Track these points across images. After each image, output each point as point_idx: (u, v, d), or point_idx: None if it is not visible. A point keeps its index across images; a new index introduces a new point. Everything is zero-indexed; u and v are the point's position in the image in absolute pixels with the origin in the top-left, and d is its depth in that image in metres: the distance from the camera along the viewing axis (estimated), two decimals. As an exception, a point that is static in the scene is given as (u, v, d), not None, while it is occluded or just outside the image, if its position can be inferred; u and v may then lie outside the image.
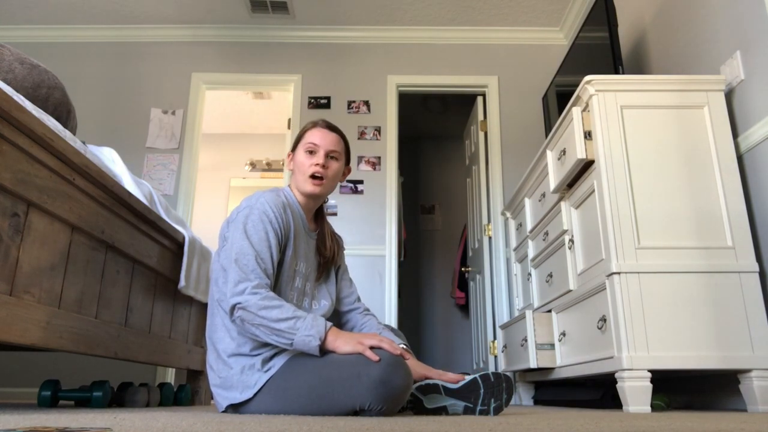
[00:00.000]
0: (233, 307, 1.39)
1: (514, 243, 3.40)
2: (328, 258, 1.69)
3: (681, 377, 2.34)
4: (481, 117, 4.12)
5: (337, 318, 1.77)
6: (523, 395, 3.19)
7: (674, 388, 2.49)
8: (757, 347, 1.85)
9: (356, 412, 1.31)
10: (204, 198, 5.59)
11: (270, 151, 5.87)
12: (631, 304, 1.90)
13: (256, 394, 1.40)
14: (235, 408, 1.45)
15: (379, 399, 1.26)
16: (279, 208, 1.52)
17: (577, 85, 2.24)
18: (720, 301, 1.90)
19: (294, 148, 1.68)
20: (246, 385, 1.41)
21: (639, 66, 3.05)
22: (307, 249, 1.64)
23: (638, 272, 1.93)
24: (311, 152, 1.61)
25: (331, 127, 1.66)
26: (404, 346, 1.58)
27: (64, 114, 1.84)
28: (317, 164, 1.59)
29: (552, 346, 2.55)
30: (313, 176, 1.59)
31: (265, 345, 1.46)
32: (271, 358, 1.44)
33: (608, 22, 2.53)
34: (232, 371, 1.45)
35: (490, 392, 1.44)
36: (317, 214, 1.73)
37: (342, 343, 1.35)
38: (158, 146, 3.98)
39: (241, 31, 4.20)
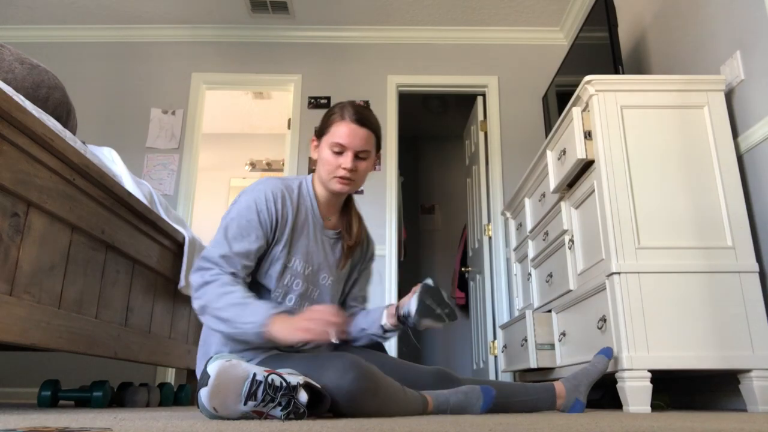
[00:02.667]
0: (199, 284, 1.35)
1: (514, 243, 3.40)
2: (353, 245, 1.58)
3: (681, 377, 2.34)
4: (481, 117, 4.12)
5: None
6: (523, 395, 3.19)
7: (674, 388, 2.49)
8: (757, 347, 1.85)
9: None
10: (204, 198, 5.58)
11: (270, 151, 5.87)
12: (631, 304, 1.89)
13: None
14: None
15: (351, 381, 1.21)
16: (276, 196, 1.44)
17: (577, 85, 2.24)
18: (720, 301, 1.90)
19: (319, 135, 1.51)
20: None
21: (639, 66, 3.05)
22: (314, 248, 1.52)
23: (638, 272, 1.93)
24: (338, 153, 1.46)
25: (362, 121, 1.46)
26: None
27: (64, 114, 1.84)
28: (345, 168, 1.44)
29: (552, 346, 2.55)
30: (340, 177, 1.46)
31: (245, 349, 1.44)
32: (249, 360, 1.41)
33: (608, 22, 2.53)
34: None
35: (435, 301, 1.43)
36: (345, 207, 1.61)
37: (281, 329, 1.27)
38: (158, 146, 3.98)
39: (241, 31, 4.20)
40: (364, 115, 1.46)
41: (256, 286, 1.49)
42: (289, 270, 1.48)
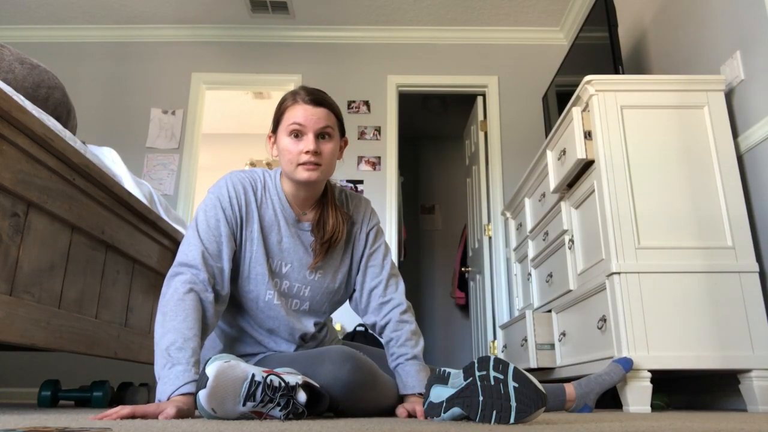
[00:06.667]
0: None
1: (514, 243, 3.40)
2: (327, 240, 1.43)
3: (681, 377, 2.34)
4: (481, 117, 4.12)
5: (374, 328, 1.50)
6: (523, 395, 3.18)
7: (674, 388, 2.49)
8: (757, 347, 1.85)
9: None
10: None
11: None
12: (631, 304, 1.89)
13: None
14: None
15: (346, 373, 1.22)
16: (237, 190, 1.38)
17: (577, 85, 2.24)
18: (720, 301, 1.90)
19: (275, 129, 1.40)
20: None
21: (639, 66, 3.05)
22: (289, 244, 1.42)
23: (638, 272, 1.93)
24: (296, 135, 1.34)
25: (317, 100, 1.36)
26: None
27: (64, 114, 1.84)
28: (308, 151, 1.32)
29: (552, 346, 2.55)
30: (305, 162, 1.34)
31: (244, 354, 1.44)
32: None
33: (608, 22, 2.53)
34: None
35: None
36: (322, 200, 1.47)
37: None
38: (158, 146, 3.98)
39: (241, 31, 4.20)
40: (318, 95, 1.37)
41: (240, 303, 1.42)
42: (271, 270, 1.41)
